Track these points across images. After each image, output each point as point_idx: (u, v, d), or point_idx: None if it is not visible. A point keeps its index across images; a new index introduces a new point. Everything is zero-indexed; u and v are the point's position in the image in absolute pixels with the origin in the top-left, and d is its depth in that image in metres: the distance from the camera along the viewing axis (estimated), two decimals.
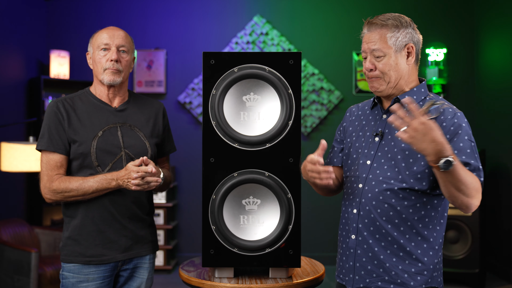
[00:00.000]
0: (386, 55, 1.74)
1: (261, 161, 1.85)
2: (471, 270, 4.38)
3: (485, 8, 5.30)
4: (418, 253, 1.71)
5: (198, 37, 5.47)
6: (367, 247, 1.74)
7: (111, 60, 2.04)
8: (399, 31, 1.74)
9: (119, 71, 2.06)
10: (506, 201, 4.75)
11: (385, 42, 1.73)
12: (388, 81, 1.75)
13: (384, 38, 1.73)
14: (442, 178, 1.54)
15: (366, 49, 1.77)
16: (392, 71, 1.74)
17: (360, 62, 5.46)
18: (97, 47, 2.07)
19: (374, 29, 1.75)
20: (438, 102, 1.74)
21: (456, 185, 1.54)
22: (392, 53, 1.74)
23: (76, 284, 2.02)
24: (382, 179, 1.73)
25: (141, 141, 2.11)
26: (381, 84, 1.76)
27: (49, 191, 2.01)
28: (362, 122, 1.88)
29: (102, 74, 2.06)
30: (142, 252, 2.13)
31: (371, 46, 1.75)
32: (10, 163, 3.52)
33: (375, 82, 1.77)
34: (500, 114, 4.95)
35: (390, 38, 1.73)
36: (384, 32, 1.74)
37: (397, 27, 1.74)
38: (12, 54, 4.76)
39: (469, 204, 1.61)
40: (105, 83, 2.07)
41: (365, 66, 1.77)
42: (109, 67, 2.05)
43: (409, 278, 1.70)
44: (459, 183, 1.54)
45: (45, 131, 2.04)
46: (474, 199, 1.60)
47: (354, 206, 1.78)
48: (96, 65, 2.08)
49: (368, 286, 1.74)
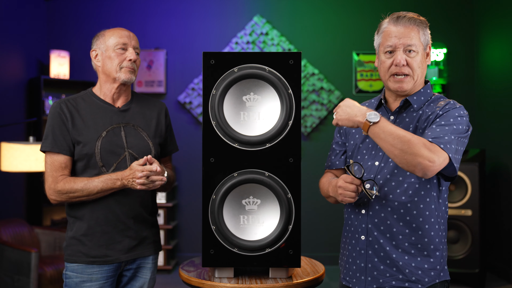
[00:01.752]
0: (418, 52, 1.73)
1: (261, 161, 1.85)
2: (471, 270, 4.38)
3: (485, 8, 5.30)
4: (430, 248, 1.72)
5: (198, 37, 5.47)
6: (378, 247, 1.74)
7: (130, 59, 2.07)
8: (427, 29, 1.76)
9: (134, 70, 2.10)
10: (506, 201, 4.75)
11: (419, 39, 1.73)
12: (416, 79, 1.75)
13: (418, 34, 1.73)
14: (374, 138, 1.62)
15: (398, 44, 1.72)
16: (420, 69, 1.75)
17: (360, 62, 5.46)
18: (113, 45, 2.07)
19: (408, 24, 1.73)
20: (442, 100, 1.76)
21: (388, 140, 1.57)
22: (421, 50, 1.75)
23: (80, 283, 2.03)
24: (390, 177, 1.73)
25: (144, 141, 2.11)
26: (409, 82, 1.74)
27: (54, 192, 2.01)
28: None
29: (118, 72, 2.07)
30: (145, 252, 2.13)
31: (406, 41, 1.72)
32: (10, 163, 3.52)
33: (403, 82, 1.74)
34: (500, 114, 4.94)
35: (422, 35, 1.74)
36: (418, 29, 1.74)
37: (426, 25, 1.76)
38: (12, 54, 4.76)
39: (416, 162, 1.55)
40: (120, 81, 2.08)
41: (396, 60, 1.72)
42: (127, 66, 2.07)
43: (423, 275, 1.71)
44: (389, 137, 1.57)
45: (49, 132, 2.04)
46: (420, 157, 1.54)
47: (362, 207, 1.77)
48: (111, 62, 2.07)
49: (382, 286, 1.74)
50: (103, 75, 2.11)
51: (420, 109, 1.76)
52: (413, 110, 1.77)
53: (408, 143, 1.55)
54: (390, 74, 1.75)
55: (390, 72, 1.75)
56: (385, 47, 1.75)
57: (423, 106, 1.77)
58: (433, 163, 1.55)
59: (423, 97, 1.78)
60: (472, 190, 4.41)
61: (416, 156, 1.55)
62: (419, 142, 1.56)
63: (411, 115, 1.77)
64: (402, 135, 1.57)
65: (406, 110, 1.79)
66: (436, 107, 1.72)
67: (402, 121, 1.78)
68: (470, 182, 4.41)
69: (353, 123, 1.65)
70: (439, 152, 1.56)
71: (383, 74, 1.79)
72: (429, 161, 1.55)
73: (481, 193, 4.46)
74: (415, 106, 1.76)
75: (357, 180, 1.67)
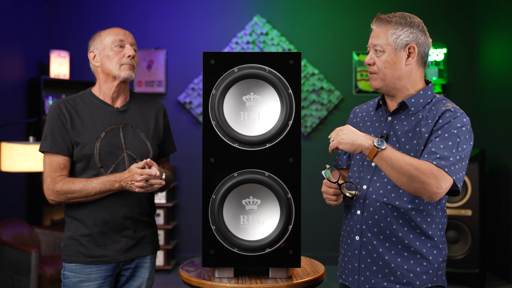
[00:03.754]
0: (385, 52, 1.73)
1: (261, 161, 1.85)
2: (471, 270, 4.38)
3: (485, 8, 5.30)
4: (423, 252, 1.71)
5: (198, 37, 5.47)
6: (371, 248, 1.74)
7: (129, 55, 2.07)
8: (402, 29, 1.72)
9: (134, 66, 2.10)
10: (506, 201, 4.75)
11: (386, 39, 1.73)
12: (383, 78, 1.75)
13: (386, 34, 1.73)
14: (380, 165, 1.62)
15: (370, 43, 1.78)
16: (388, 69, 1.73)
17: (360, 62, 5.47)
18: (110, 44, 2.07)
19: (379, 24, 1.76)
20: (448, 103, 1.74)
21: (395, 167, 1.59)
22: (390, 50, 1.73)
23: (78, 283, 2.03)
24: (387, 180, 1.73)
25: (142, 142, 2.11)
26: (376, 80, 1.77)
27: (52, 193, 2.01)
28: (367, 123, 1.87)
29: (118, 70, 2.07)
30: (144, 252, 2.13)
31: (373, 41, 1.76)
32: (10, 163, 3.52)
33: (372, 79, 1.79)
34: (500, 114, 4.94)
35: (391, 35, 1.72)
36: (387, 29, 1.74)
37: (400, 24, 1.73)
38: (12, 54, 4.76)
39: (424, 190, 1.57)
40: (121, 79, 2.08)
41: (365, 60, 1.79)
42: (127, 63, 2.07)
43: (414, 278, 1.71)
44: (397, 164, 1.58)
45: (48, 133, 2.04)
46: (420, 182, 1.57)
47: (358, 207, 1.77)
48: (110, 61, 2.07)
49: (373, 286, 1.74)
50: (103, 74, 2.11)
51: (419, 112, 1.74)
52: (412, 112, 1.76)
53: (416, 171, 1.57)
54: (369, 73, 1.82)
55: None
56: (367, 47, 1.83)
57: (421, 108, 1.75)
58: (439, 189, 1.58)
59: (422, 100, 1.75)
60: (472, 190, 4.41)
61: (424, 184, 1.57)
62: (427, 169, 1.57)
63: (409, 118, 1.75)
64: (410, 163, 1.58)
65: (403, 112, 1.78)
66: (437, 114, 1.69)
67: (399, 123, 1.77)
68: (470, 182, 4.41)
69: (356, 147, 1.65)
70: (445, 177, 1.59)
71: None
72: (436, 188, 1.57)
73: (481, 193, 4.46)
74: (413, 109, 1.75)
75: (334, 184, 1.75)
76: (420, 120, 1.72)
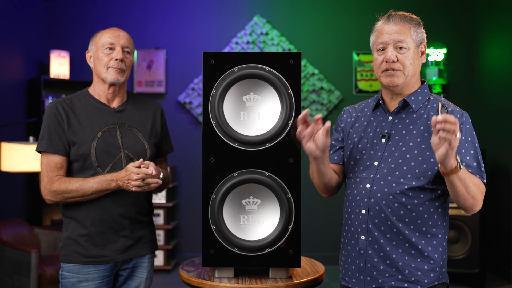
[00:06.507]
0: (410, 49, 1.75)
1: (261, 161, 1.85)
2: (471, 270, 4.38)
3: (485, 8, 5.30)
4: (429, 250, 1.73)
5: (198, 37, 5.47)
6: (378, 247, 1.74)
7: (116, 59, 2.05)
8: (420, 28, 1.78)
9: (122, 70, 2.08)
10: (506, 201, 4.75)
11: (410, 36, 1.75)
12: (407, 75, 1.75)
13: (409, 31, 1.75)
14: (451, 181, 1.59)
15: (388, 40, 1.75)
16: (411, 66, 1.75)
17: (360, 62, 5.46)
18: (101, 46, 2.07)
19: (399, 21, 1.76)
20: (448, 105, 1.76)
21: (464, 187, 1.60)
22: (413, 47, 1.75)
23: (76, 283, 2.02)
24: (391, 178, 1.73)
25: (140, 142, 2.11)
26: (399, 77, 1.74)
27: (49, 192, 2.01)
28: (364, 123, 1.87)
29: (105, 72, 2.07)
30: (142, 252, 2.13)
31: (396, 37, 1.74)
32: (10, 163, 3.52)
33: (394, 76, 1.75)
34: (500, 114, 4.94)
35: (413, 32, 1.76)
36: (409, 26, 1.76)
37: (418, 24, 1.78)
38: (12, 54, 4.76)
39: (474, 206, 1.67)
40: (108, 82, 2.07)
41: (386, 57, 1.74)
42: (113, 66, 2.06)
43: (422, 276, 1.72)
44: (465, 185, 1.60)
45: (45, 133, 2.04)
46: (478, 201, 1.66)
47: (362, 207, 1.77)
48: (99, 63, 2.08)
49: (381, 286, 1.74)
50: (95, 76, 2.12)
51: (420, 110, 1.77)
52: (412, 111, 1.77)
53: (477, 190, 1.65)
54: (382, 70, 1.77)
55: (382, 69, 1.77)
56: (377, 44, 1.78)
57: (421, 106, 1.77)
58: (482, 204, 1.69)
59: (421, 97, 1.78)
60: None
61: (478, 202, 1.67)
62: (483, 189, 1.68)
63: (411, 116, 1.77)
64: (476, 183, 1.65)
65: (405, 111, 1.79)
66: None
67: (401, 122, 1.77)
68: None
69: (450, 159, 1.53)
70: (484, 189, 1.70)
71: (376, 71, 1.80)
72: (481, 203, 1.68)
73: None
74: (414, 106, 1.77)
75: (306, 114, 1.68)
76: (426, 120, 1.74)
